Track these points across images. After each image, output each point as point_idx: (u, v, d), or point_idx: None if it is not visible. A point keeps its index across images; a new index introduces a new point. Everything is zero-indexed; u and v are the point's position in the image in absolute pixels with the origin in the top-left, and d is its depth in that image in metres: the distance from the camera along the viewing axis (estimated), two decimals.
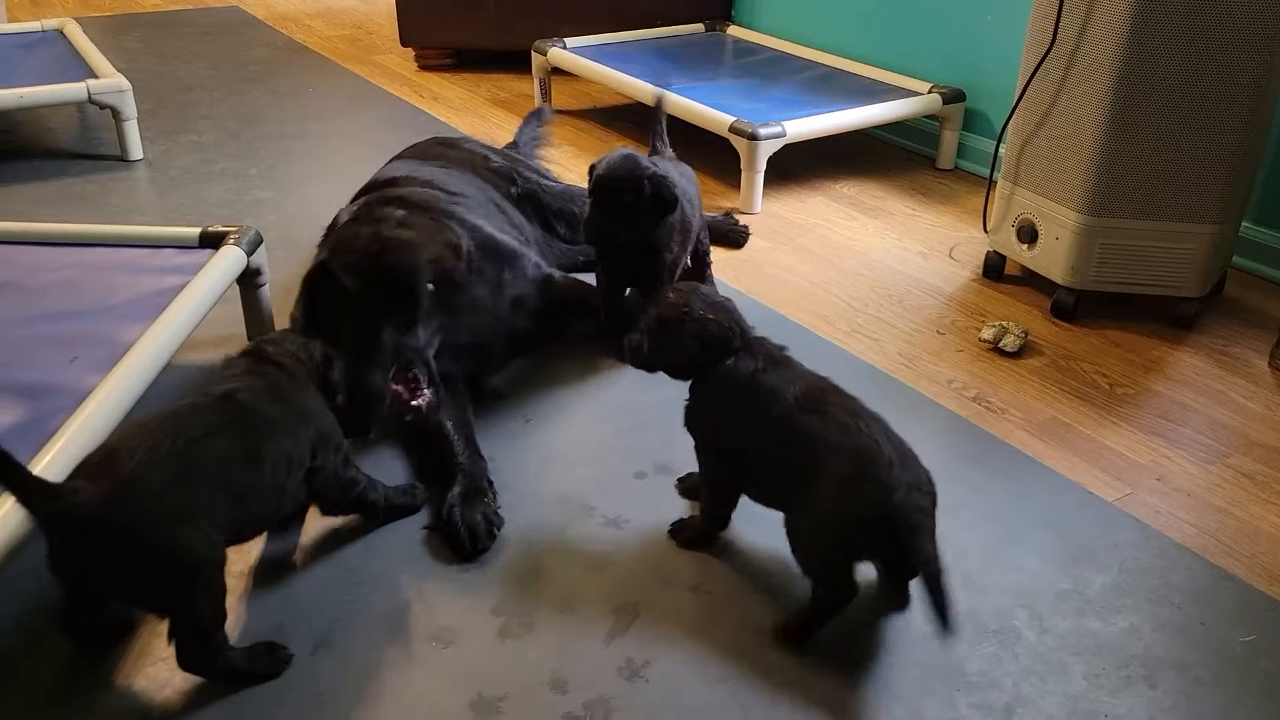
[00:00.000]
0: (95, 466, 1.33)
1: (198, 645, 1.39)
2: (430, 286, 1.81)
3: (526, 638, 1.55)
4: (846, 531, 1.47)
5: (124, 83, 3.26)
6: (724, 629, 1.57)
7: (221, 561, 1.39)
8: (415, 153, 2.55)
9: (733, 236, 2.82)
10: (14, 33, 3.89)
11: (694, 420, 1.68)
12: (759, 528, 1.75)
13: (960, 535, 1.76)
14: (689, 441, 2.00)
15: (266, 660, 1.47)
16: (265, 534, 1.70)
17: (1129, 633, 1.58)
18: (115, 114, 3.29)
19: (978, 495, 1.87)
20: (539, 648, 1.53)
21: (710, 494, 1.72)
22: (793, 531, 1.55)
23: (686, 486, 1.85)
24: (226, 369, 1.56)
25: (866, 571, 1.60)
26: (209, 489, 1.37)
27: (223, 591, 1.39)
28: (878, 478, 1.44)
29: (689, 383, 1.68)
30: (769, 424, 1.56)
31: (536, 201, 2.55)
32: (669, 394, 2.14)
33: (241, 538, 1.50)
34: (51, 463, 1.50)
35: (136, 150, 3.35)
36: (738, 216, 2.96)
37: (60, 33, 3.89)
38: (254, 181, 3.20)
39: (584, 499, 1.84)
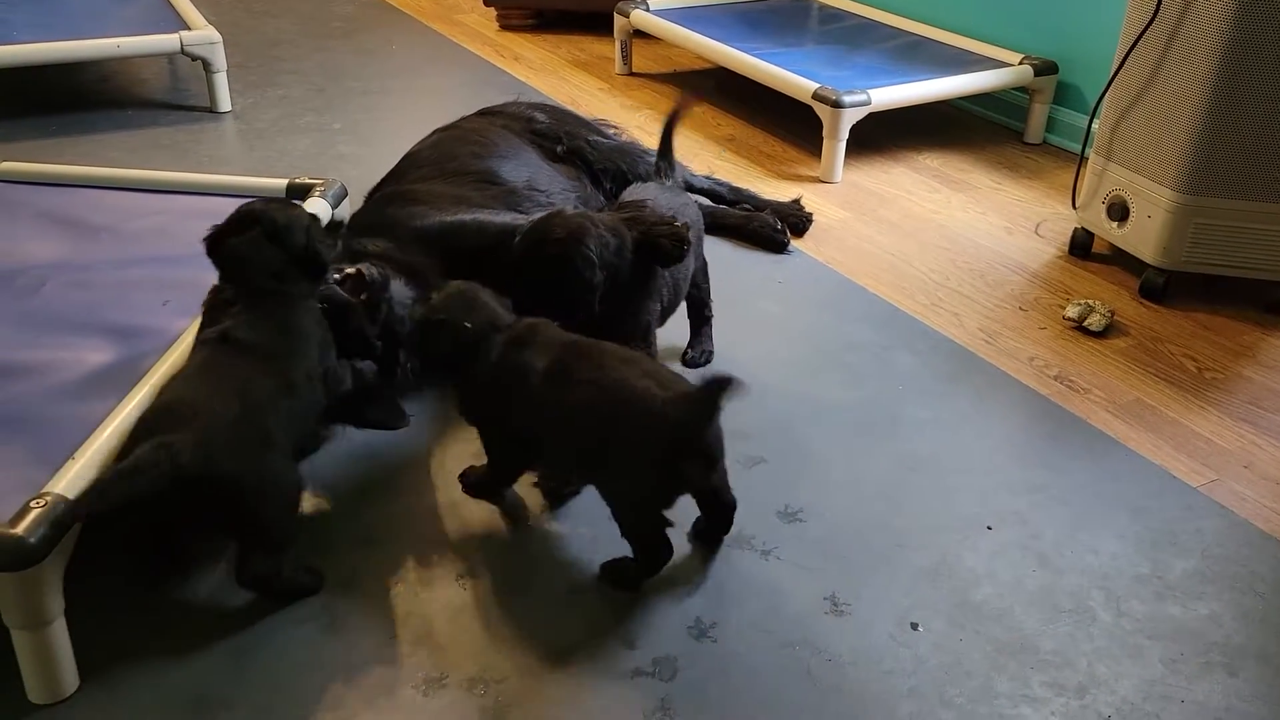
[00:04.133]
0: (167, 424, 1.38)
1: (271, 562, 1.48)
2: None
3: (596, 593, 1.56)
4: (644, 473, 1.49)
5: (215, 35, 3.32)
6: (793, 595, 1.57)
7: (301, 481, 1.52)
8: (456, 135, 2.47)
9: (793, 222, 2.69)
10: None
11: (466, 412, 1.68)
12: (846, 499, 1.75)
13: (1037, 514, 1.74)
14: (764, 406, 2.00)
15: (309, 578, 1.55)
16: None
17: (1209, 620, 1.54)
18: (206, 66, 3.35)
19: (1057, 475, 1.83)
20: (608, 604, 1.55)
21: (496, 469, 1.72)
22: (605, 497, 1.56)
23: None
24: (217, 307, 1.63)
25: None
26: (271, 424, 1.46)
27: (299, 508, 1.54)
28: (648, 418, 1.45)
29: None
30: (530, 405, 1.57)
31: (583, 158, 2.56)
32: (747, 359, 2.14)
33: (297, 459, 1.60)
34: (143, 401, 1.54)
35: (225, 102, 3.42)
36: (806, 195, 2.92)
37: None
38: (338, 136, 3.24)
39: None
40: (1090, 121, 2.55)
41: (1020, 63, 3.21)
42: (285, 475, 1.48)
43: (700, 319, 2.13)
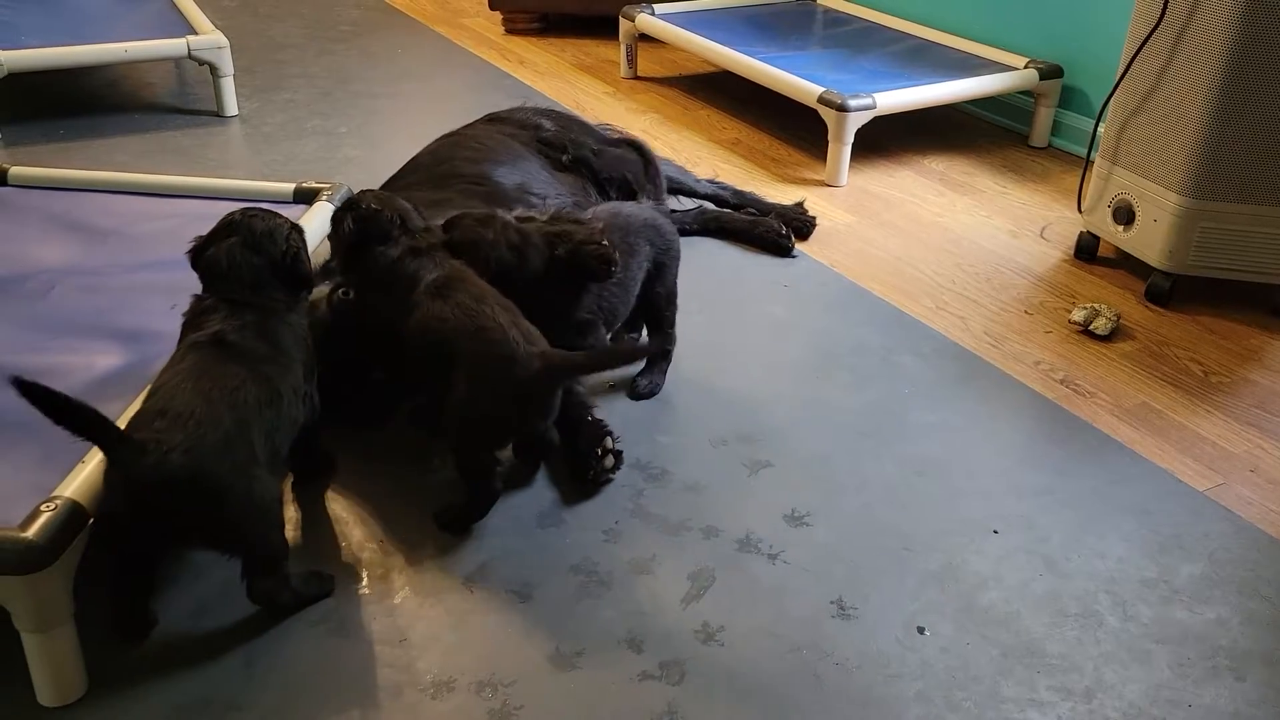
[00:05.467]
0: (157, 425, 1.35)
1: (271, 576, 1.47)
2: None
3: (604, 596, 1.57)
4: (484, 406, 1.59)
5: (222, 40, 3.33)
6: (800, 598, 1.57)
7: (281, 496, 1.51)
8: (457, 139, 2.48)
9: (797, 226, 2.69)
10: None
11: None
12: (852, 502, 1.75)
13: (1044, 518, 1.74)
14: (770, 410, 2.01)
15: (318, 585, 1.55)
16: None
17: (1216, 624, 1.54)
18: (213, 70, 3.36)
19: (1063, 479, 1.83)
20: (616, 607, 1.55)
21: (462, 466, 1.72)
22: (447, 428, 1.63)
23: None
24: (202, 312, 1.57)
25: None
26: (257, 434, 1.44)
27: (283, 525, 1.51)
28: (503, 353, 1.57)
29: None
30: (405, 310, 1.64)
31: (589, 166, 2.56)
32: (752, 363, 2.15)
33: (275, 472, 1.55)
34: None
35: (232, 106, 3.43)
36: (812, 199, 2.93)
37: None
38: (344, 139, 3.25)
39: (662, 464, 1.85)
40: (1096, 125, 2.55)
41: (1025, 66, 3.22)
42: (268, 490, 1.44)
43: (659, 348, 2.07)
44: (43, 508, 1.32)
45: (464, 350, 1.59)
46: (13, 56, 3.08)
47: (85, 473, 1.41)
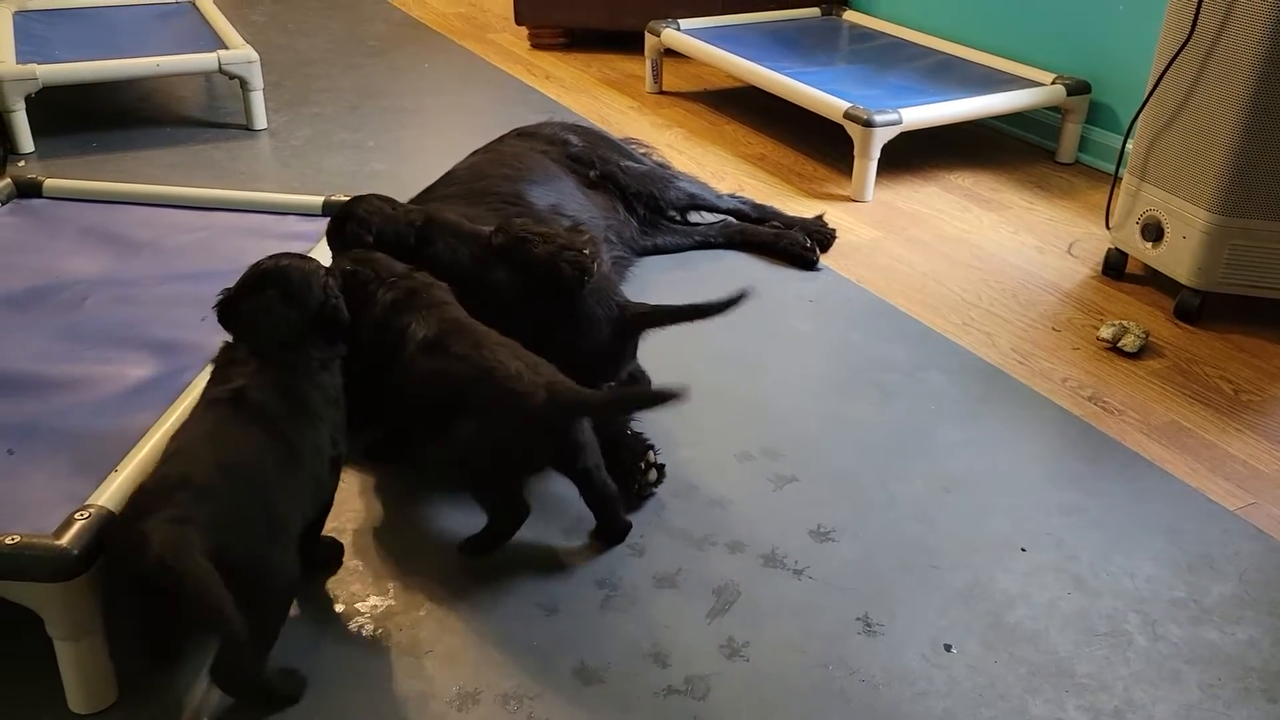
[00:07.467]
0: (178, 498, 1.27)
1: (251, 661, 1.34)
2: None
3: (629, 610, 1.57)
4: (499, 443, 1.56)
5: (253, 54, 3.37)
6: (826, 614, 1.57)
7: (298, 577, 1.39)
8: (494, 155, 2.49)
9: (819, 239, 2.70)
10: (150, 3, 4.04)
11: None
12: (879, 518, 1.75)
13: (1072, 536, 1.73)
14: (796, 425, 2.01)
15: (290, 683, 1.42)
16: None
17: (1248, 645, 1.53)
18: (243, 84, 3.40)
19: (1091, 497, 1.82)
20: (640, 621, 1.55)
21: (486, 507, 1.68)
22: (452, 462, 1.64)
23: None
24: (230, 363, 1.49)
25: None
26: (280, 508, 1.37)
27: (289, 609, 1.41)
28: (511, 389, 1.53)
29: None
30: (402, 367, 1.62)
31: (616, 183, 2.57)
32: (778, 378, 2.15)
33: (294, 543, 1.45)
34: (183, 417, 1.56)
35: (261, 120, 3.46)
36: (837, 214, 2.93)
37: (192, 4, 4.03)
38: (372, 153, 3.27)
39: (687, 479, 1.85)
40: (1124, 141, 2.54)
41: (1053, 82, 3.21)
42: (287, 569, 1.36)
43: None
44: (76, 516, 1.33)
45: (474, 394, 1.56)
46: (47, 70, 3.13)
47: (118, 481, 1.42)
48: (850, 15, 4.07)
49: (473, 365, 1.57)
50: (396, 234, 1.85)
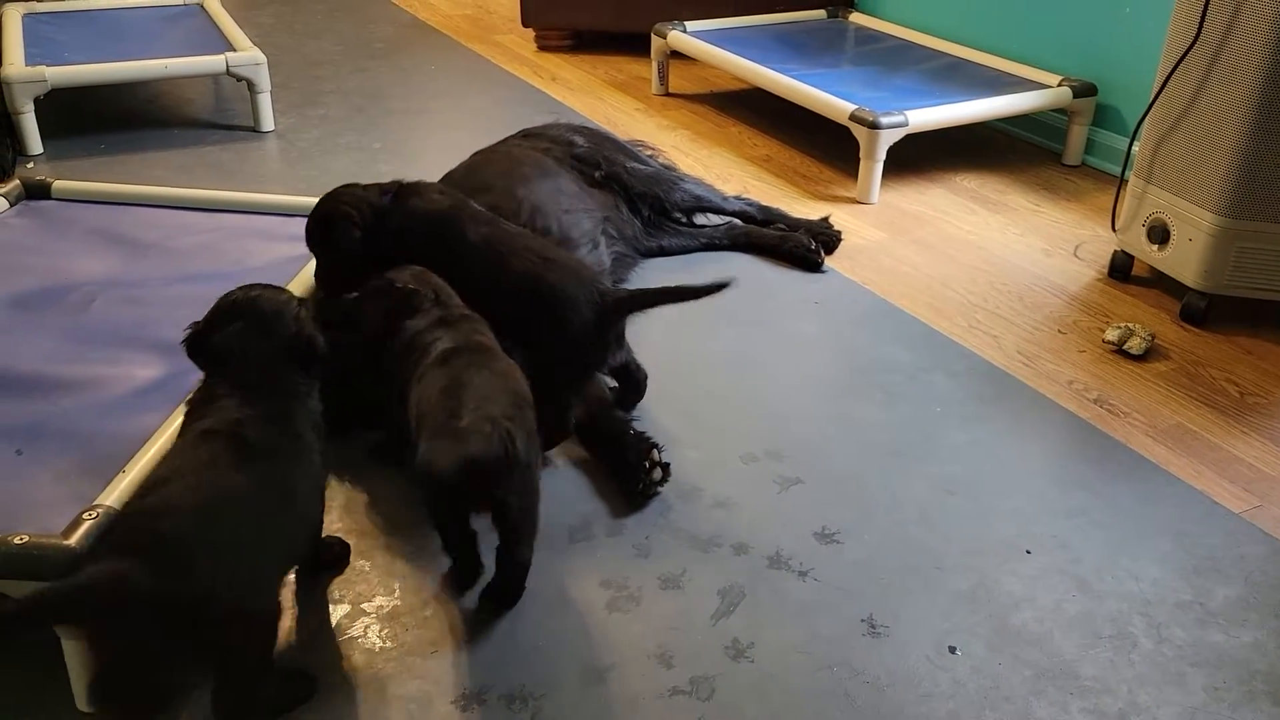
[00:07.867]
0: (159, 545, 1.19)
1: (246, 697, 1.31)
2: None
3: (633, 611, 1.57)
4: (430, 483, 1.46)
5: (260, 56, 3.38)
6: (830, 616, 1.57)
7: (279, 615, 1.36)
8: (490, 155, 2.50)
9: (824, 240, 2.69)
10: (158, 5, 4.06)
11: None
12: (883, 520, 1.75)
13: (1077, 538, 1.73)
14: (801, 427, 2.01)
15: (297, 686, 1.42)
16: None
17: (1253, 647, 1.52)
18: (250, 86, 3.41)
19: (1097, 499, 1.82)
20: (645, 622, 1.55)
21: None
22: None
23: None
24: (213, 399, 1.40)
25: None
26: (270, 549, 1.33)
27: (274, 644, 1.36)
28: (452, 428, 1.40)
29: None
30: (418, 380, 1.58)
31: (621, 184, 2.58)
32: (783, 380, 2.15)
33: (285, 574, 1.47)
34: None
35: (268, 122, 3.47)
36: (843, 216, 2.93)
37: (200, 6, 4.05)
38: (378, 155, 3.28)
39: (692, 480, 1.85)
40: (1130, 144, 2.54)
41: (1059, 84, 3.21)
42: (272, 609, 1.32)
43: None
44: (85, 516, 1.34)
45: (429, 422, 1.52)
46: (56, 72, 3.14)
47: (126, 481, 1.43)
48: (856, 17, 4.07)
49: (445, 393, 1.52)
50: (373, 208, 1.88)
